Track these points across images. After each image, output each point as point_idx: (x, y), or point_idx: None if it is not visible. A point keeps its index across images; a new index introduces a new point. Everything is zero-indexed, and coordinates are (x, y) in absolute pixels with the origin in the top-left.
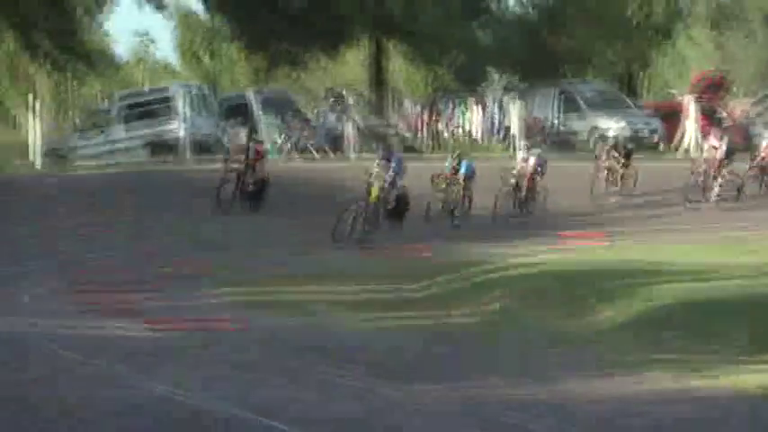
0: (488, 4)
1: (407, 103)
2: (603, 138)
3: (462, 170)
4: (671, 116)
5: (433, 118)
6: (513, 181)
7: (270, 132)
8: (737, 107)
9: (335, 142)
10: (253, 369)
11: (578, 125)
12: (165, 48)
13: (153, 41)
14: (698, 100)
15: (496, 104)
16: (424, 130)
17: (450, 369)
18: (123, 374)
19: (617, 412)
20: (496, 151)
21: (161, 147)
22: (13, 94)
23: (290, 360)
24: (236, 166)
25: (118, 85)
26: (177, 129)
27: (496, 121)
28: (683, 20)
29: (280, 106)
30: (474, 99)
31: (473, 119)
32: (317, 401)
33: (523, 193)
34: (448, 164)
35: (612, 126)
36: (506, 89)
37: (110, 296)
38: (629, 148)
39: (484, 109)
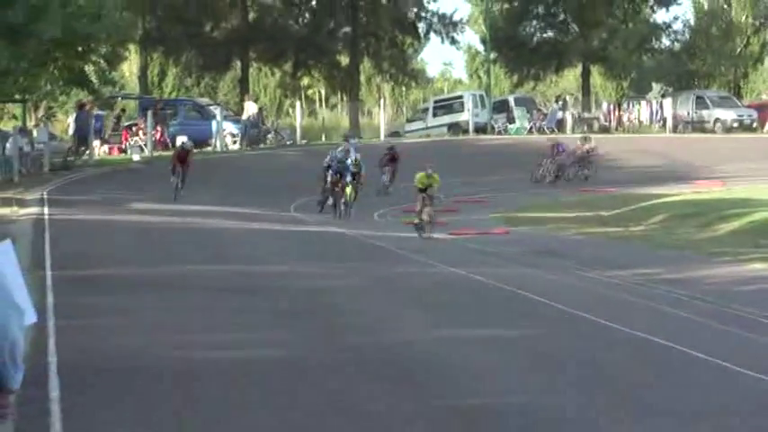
0: (651, 40)
1: (605, 104)
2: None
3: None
4: (763, 109)
5: (620, 112)
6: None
7: (520, 119)
8: None
9: (559, 125)
10: (505, 258)
11: (706, 116)
12: (459, 69)
13: (451, 64)
14: None
15: (656, 103)
16: (614, 119)
17: (628, 260)
18: (417, 260)
19: (729, 284)
20: (653, 132)
21: (456, 128)
22: (369, 98)
23: (530, 255)
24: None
25: (430, 92)
26: (466, 118)
27: (656, 114)
28: None
29: (527, 104)
30: (643, 100)
31: (642, 112)
32: (544, 278)
33: None
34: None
35: (728, 116)
36: (662, 94)
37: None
38: None
39: (649, 106)
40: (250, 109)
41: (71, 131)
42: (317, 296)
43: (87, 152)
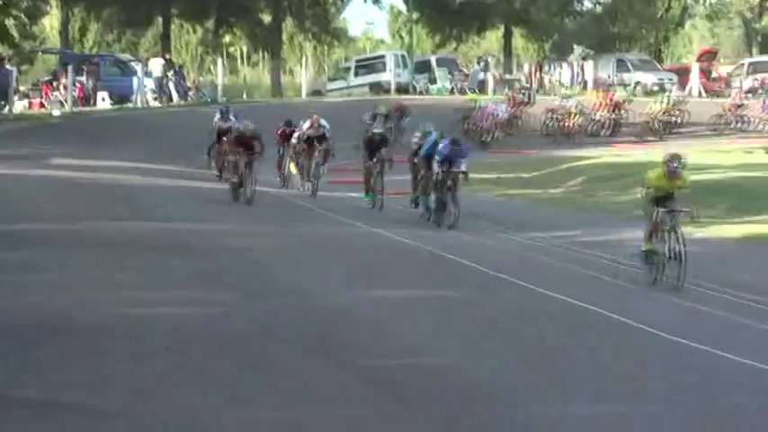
0: (573, 3)
1: (526, 66)
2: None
3: None
4: (682, 73)
5: (541, 74)
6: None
7: (442, 80)
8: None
9: (481, 86)
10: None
11: (627, 79)
12: (381, 29)
13: (374, 24)
14: (700, 62)
15: (577, 66)
16: (535, 81)
17: (550, 223)
18: (343, 221)
19: None
20: (575, 93)
21: (377, 87)
22: (291, 56)
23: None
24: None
25: (352, 52)
26: (388, 77)
27: (577, 76)
28: (690, 15)
29: (448, 65)
30: (564, 62)
31: (563, 74)
32: (466, 239)
33: None
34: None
35: (648, 79)
36: (583, 57)
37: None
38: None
39: (570, 68)
40: (157, 66)
41: None
42: (243, 255)
43: (6, 107)
